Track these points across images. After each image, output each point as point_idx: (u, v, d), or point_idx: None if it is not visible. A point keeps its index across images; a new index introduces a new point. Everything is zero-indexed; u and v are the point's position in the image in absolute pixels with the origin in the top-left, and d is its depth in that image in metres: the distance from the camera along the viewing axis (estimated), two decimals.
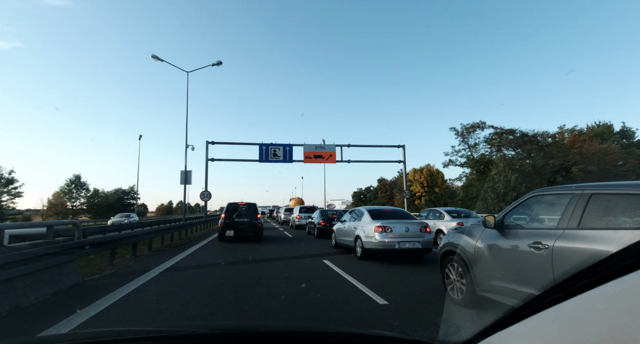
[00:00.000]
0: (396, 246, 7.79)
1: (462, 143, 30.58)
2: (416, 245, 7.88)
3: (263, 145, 28.48)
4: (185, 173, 19.38)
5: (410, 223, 8.25)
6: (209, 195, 26.82)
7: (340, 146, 29.77)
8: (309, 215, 21.24)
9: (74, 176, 65.01)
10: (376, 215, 8.72)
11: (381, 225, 7.99)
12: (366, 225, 8.48)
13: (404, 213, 9.17)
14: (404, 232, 8.01)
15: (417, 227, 8.14)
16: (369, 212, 8.88)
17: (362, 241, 8.35)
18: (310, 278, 6.02)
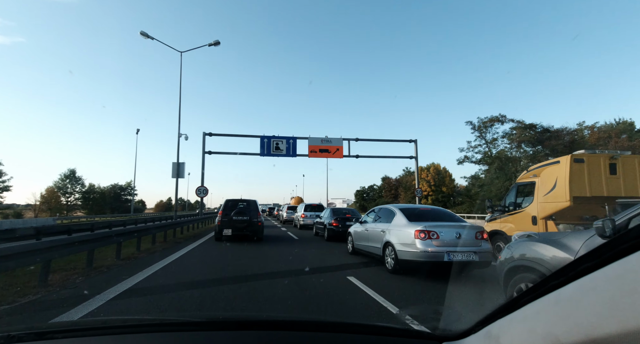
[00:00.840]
0: (445, 258, 5.69)
1: (479, 138, 28.57)
2: (471, 257, 5.78)
3: (265, 138, 26.39)
4: (177, 166, 17.30)
5: (461, 226, 6.16)
6: (205, 190, 24.84)
7: (347, 140, 27.63)
8: (315, 213, 19.16)
9: (68, 170, 63.13)
10: (413, 215, 6.63)
11: (424, 230, 5.89)
12: (401, 228, 6.40)
13: (447, 214, 7.08)
14: (455, 239, 5.91)
15: (471, 232, 6.04)
16: (403, 212, 6.78)
17: (396, 249, 6.26)
18: (339, 312, 3.95)
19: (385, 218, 7.17)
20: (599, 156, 7.57)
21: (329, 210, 13.40)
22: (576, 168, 7.22)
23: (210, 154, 25.55)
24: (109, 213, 67.23)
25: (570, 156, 7.45)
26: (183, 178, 17.72)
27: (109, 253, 7.96)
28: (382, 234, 6.86)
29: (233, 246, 10.51)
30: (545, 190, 7.65)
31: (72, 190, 63.44)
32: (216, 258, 8.24)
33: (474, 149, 28.83)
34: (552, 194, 7.50)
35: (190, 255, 8.72)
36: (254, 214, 11.83)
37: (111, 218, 44.28)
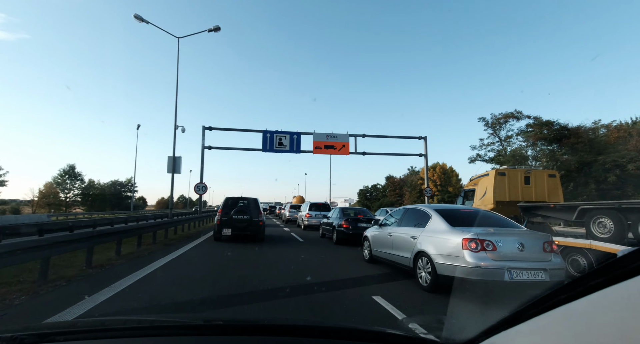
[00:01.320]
0: (506, 277, 4.32)
1: (492, 135, 27.04)
2: (540, 276, 4.40)
3: (267, 133, 25.05)
4: (173, 160, 15.96)
5: (523, 233, 4.81)
6: (204, 187, 23.58)
7: (354, 136, 26.27)
8: (322, 213, 17.82)
9: (68, 166, 62.07)
10: (455, 218, 5.25)
11: (476, 238, 4.52)
12: (440, 235, 5.04)
13: (497, 217, 5.70)
14: (517, 251, 4.54)
15: (537, 242, 4.67)
16: (441, 214, 5.40)
17: (434, 262, 4.91)
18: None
19: (416, 220, 5.80)
20: (517, 171, 9.93)
21: (338, 210, 12.04)
22: (499, 180, 9.52)
23: (210, 149, 24.30)
24: (109, 210, 66.31)
25: (495, 170, 9.92)
26: (180, 174, 16.37)
27: (79, 260, 6.63)
28: (413, 241, 5.50)
29: (231, 250, 9.19)
30: (480, 195, 10.02)
31: (71, 186, 62.43)
32: (208, 266, 6.91)
33: (487, 147, 27.40)
34: (484, 198, 9.79)
35: (178, 261, 7.40)
36: (255, 213, 11.20)
37: (110, 215, 43.12)
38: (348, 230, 10.54)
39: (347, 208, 12.46)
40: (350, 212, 11.71)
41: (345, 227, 10.59)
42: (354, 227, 10.53)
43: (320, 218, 17.67)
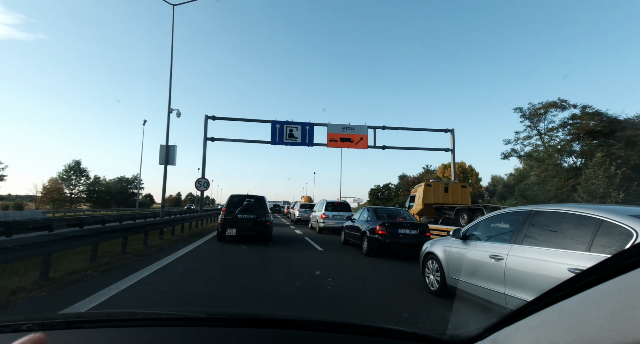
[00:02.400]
0: None
1: (529, 128, 23.95)
2: None
3: (277, 123, 22.57)
4: (166, 149, 13.52)
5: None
6: (206, 183, 21.26)
7: (373, 128, 23.63)
8: (340, 214, 15.26)
9: (73, 161, 60.74)
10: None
11: None
12: None
13: None
14: None
15: None
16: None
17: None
18: None
19: (575, 236, 3.05)
20: (440, 183, 16.78)
21: (368, 211, 9.36)
22: (427, 189, 16.16)
23: (213, 141, 21.95)
24: (115, 207, 64.94)
25: (424, 183, 17.02)
26: (174, 166, 13.91)
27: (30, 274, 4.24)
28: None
29: (227, 263, 6.75)
30: (416, 199, 16.84)
31: (76, 182, 61.08)
32: (191, 295, 4.37)
33: (523, 141, 24.34)
34: (417, 202, 16.70)
35: (153, 281, 4.91)
36: (261, 212, 10.38)
37: (115, 212, 41.33)
38: (385, 238, 7.88)
39: (381, 208, 9.76)
40: (383, 213, 9.03)
41: (380, 234, 7.93)
42: (393, 235, 7.88)
43: (339, 219, 15.09)
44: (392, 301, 4.50)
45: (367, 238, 8.33)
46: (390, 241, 7.83)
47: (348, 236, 10.31)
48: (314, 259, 7.79)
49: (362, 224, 9.04)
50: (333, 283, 5.37)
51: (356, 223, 9.68)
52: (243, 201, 10.61)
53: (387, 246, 7.86)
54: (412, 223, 8.12)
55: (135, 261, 6.66)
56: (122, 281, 4.97)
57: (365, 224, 8.85)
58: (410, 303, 4.43)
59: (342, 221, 14.88)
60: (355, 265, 7.19)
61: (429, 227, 8.69)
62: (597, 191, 17.14)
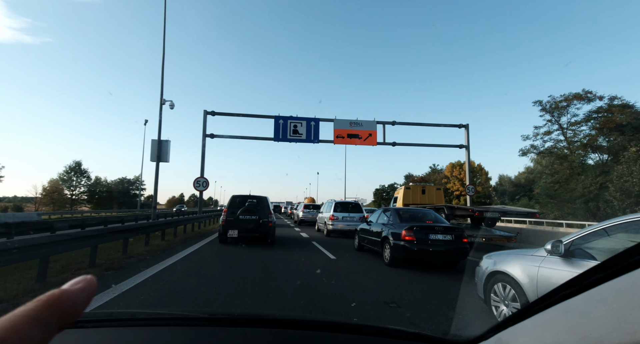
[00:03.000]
0: None
1: (550, 122, 22.26)
2: None
3: (280, 119, 21.23)
4: (158, 145, 12.19)
5: None
6: (205, 183, 19.99)
7: (382, 123, 22.23)
8: (351, 215, 13.88)
9: (74, 162, 59.82)
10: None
11: None
12: None
13: None
14: None
15: None
16: None
17: None
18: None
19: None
20: (418, 186, 19.46)
21: (390, 212, 7.92)
22: (406, 191, 18.72)
23: (213, 137, 20.65)
24: (116, 208, 64.01)
25: (404, 186, 19.65)
26: (168, 162, 12.56)
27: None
28: None
29: (220, 280, 5.35)
30: (399, 200, 18.97)
31: (77, 183, 60.15)
32: None
33: (544, 136, 22.67)
34: (398, 202, 18.84)
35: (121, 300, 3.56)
36: (264, 213, 10.10)
37: (119, 213, 40.16)
38: (413, 245, 6.47)
39: (402, 209, 8.32)
40: (407, 215, 7.61)
41: (408, 241, 6.51)
42: (423, 241, 6.48)
43: (349, 221, 13.69)
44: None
45: (391, 244, 6.91)
46: (418, 248, 6.42)
47: (364, 241, 8.90)
48: (328, 271, 6.40)
49: (383, 228, 7.63)
50: (359, 311, 3.97)
51: (374, 226, 8.27)
52: (245, 202, 10.28)
53: (416, 255, 6.45)
54: (445, 227, 6.69)
55: (102, 277, 5.29)
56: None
57: (386, 228, 7.44)
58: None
59: (353, 224, 13.52)
60: (379, 280, 5.79)
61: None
62: (632, 189, 15.60)
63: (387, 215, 7.95)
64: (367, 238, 8.54)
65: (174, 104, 12.86)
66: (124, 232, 7.41)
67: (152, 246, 8.72)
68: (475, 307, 4.07)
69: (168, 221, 11.32)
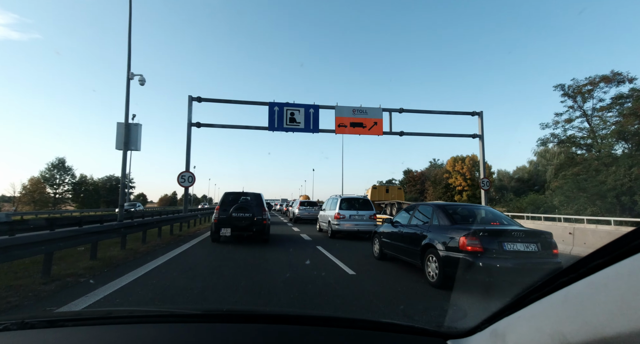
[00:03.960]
0: None
1: (572, 109, 20.29)
2: None
3: (275, 105, 18.97)
4: (125, 129, 9.87)
5: None
6: (191, 177, 17.74)
7: (388, 111, 20.12)
8: (360, 214, 11.78)
9: (56, 159, 56.75)
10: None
11: None
12: None
13: None
14: None
15: None
16: None
17: None
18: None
19: None
20: (383, 186, 26.99)
21: (436, 210, 5.59)
22: (374, 190, 25.29)
23: (199, 126, 18.33)
24: (104, 207, 61.16)
25: (372, 186, 25.84)
26: (139, 151, 10.21)
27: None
28: None
29: None
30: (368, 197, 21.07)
31: (60, 181, 57.08)
32: None
33: (565, 124, 20.67)
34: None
35: None
36: (258, 210, 9.81)
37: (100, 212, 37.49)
38: (478, 258, 4.30)
39: (449, 205, 6.06)
40: (458, 213, 5.43)
41: (470, 251, 4.34)
42: (495, 252, 4.32)
43: (358, 220, 11.60)
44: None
45: (442, 257, 4.75)
46: (487, 264, 4.27)
47: (389, 247, 6.74)
48: (350, 299, 4.24)
49: (423, 231, 5.46)
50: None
51: (405, 229, 6.10)
52: (238, 199, 9.98)
53: (483, 274, 4.29)
54: (526, 232, 4.55)
55: (5, 309, 3.07)
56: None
57: (430, 232, 5.27)
58: None
59: (363, 223, 11.61)
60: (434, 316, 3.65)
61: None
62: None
63: (424, 213, 5.78)
64: (395, 244, 6.37)
65: (144, 79, 10.50)
66: (60, 241, 5.11)
67: (99, 261, 6.36)
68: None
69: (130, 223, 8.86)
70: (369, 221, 11.84)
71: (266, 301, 4.07)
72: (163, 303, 3.98)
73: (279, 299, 4.14)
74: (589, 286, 0.50)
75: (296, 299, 4.11)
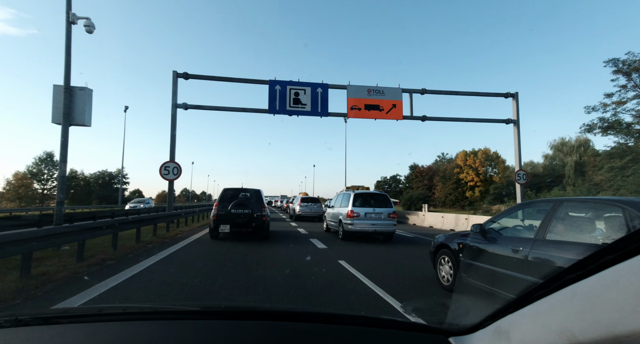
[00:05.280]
0: None
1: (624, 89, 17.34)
2: None
3: (276, 84, 16.03)
4: (67, 94, 6.88)
5: None
6: (176, 169, 14.97)
7: (409, 92, 17.21)
8: (376, 211, 10.25)
9: (44, 153, 53.71)
10: None
11: None
12: None
13: None
14: None
15: None
16: None
17: None
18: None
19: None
20: (354, 187, 23.45)
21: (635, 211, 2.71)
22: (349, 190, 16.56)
23: (187, 109, 15.41)
24: (96, 204, 58.31)
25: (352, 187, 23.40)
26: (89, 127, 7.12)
27: None
28: None
29: None
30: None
31: (49, 176, 54.08)
32: None
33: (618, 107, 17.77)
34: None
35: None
36: (257, 206, 9.58)
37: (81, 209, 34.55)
38: None
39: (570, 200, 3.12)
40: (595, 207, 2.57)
41: None
42: None
43: (375, 219, 10.28)
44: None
45: None
46: None
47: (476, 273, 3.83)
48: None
49: None
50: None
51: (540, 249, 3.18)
52: (237, 195, 9.98)
53: None
54: None
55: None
56: None
57: None
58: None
59: (381, 222, 9.87)
60: None
61: None
62: None
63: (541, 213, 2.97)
64: (510, 276, 3.45)
65: (92, 25, 7.46)
66: None
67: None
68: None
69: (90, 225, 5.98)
70: (387, 220, 10.04)
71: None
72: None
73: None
74: (600, 282, 0.48)
75: None
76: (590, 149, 41.14)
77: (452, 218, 16.79)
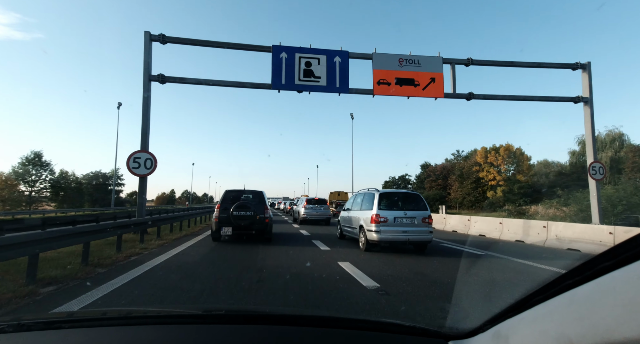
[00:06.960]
0: None
1: None
2: None
3: (282, 50, 12.32)
4: None
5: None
6: (149, 161, 11.42)
7: (451, 63, 13.46)
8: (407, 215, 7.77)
9: (32, 153, 50.21)
10: None
11: None
12: None
13: None
14: None
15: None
16: None
17: None
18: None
19: None
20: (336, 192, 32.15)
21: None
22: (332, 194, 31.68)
23: (164, 83, 11.63)
24: (89, 206, 54.86)
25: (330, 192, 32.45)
26: None
27: None
28: None
29: None
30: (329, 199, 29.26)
31: (37, 178, 50.66)
32: None
33: None
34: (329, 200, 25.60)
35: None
36: (260, 208, 9.51)
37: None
38: None
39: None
40: None
41: None
42: None
43: (407, 226, 8.19)
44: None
45: None
46: None
47: None
48: None
49: None
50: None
51: None
52: (239, 197, 9.85)
53: None
54: None
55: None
56: None
57: None
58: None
59: (415, 229, 7.84)
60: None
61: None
62: None
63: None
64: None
65: None
66: None
67: None
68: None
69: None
70: (422, 226, 7.98)
71: None
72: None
73: None
74: (597, 289, 0.48)
75: None
76: (627, 144, 37.04)
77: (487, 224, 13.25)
